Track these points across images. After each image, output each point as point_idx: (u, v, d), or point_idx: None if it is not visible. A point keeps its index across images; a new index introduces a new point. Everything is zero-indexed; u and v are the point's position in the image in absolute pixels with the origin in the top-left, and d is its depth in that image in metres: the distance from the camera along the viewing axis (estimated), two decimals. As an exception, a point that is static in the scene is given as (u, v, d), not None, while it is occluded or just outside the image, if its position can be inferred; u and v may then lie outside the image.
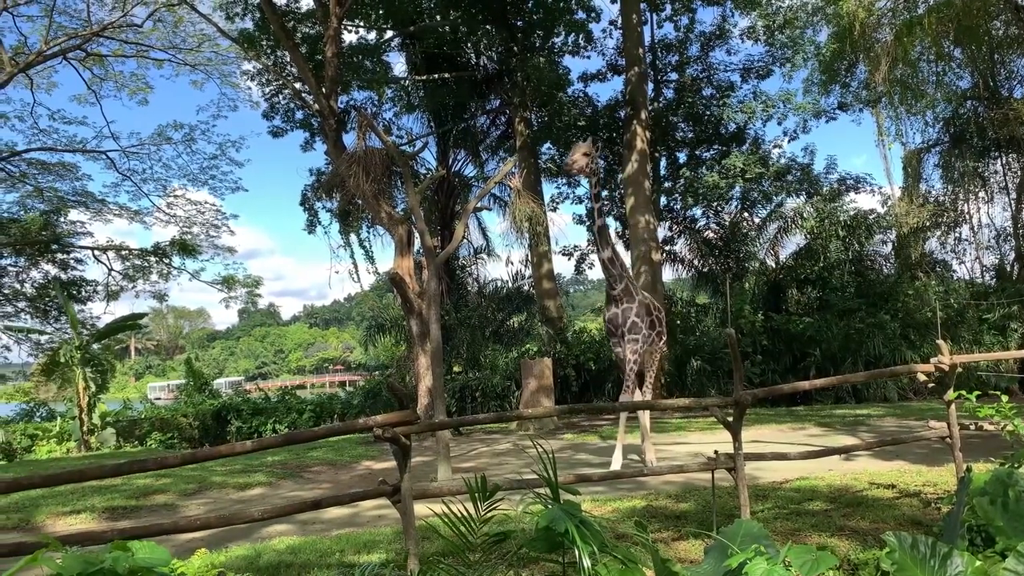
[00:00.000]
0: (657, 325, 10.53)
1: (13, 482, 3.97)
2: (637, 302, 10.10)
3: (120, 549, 2.71)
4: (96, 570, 2.56)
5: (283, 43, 17.78)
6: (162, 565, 2.83)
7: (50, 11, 22.40)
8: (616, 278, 10.13)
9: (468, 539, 4.46)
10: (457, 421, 8.24)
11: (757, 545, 3.56)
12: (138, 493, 10.07)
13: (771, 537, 3.92)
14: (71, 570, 2.52)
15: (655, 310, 10.52)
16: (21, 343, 29.94)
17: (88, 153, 26.67)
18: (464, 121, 22.57)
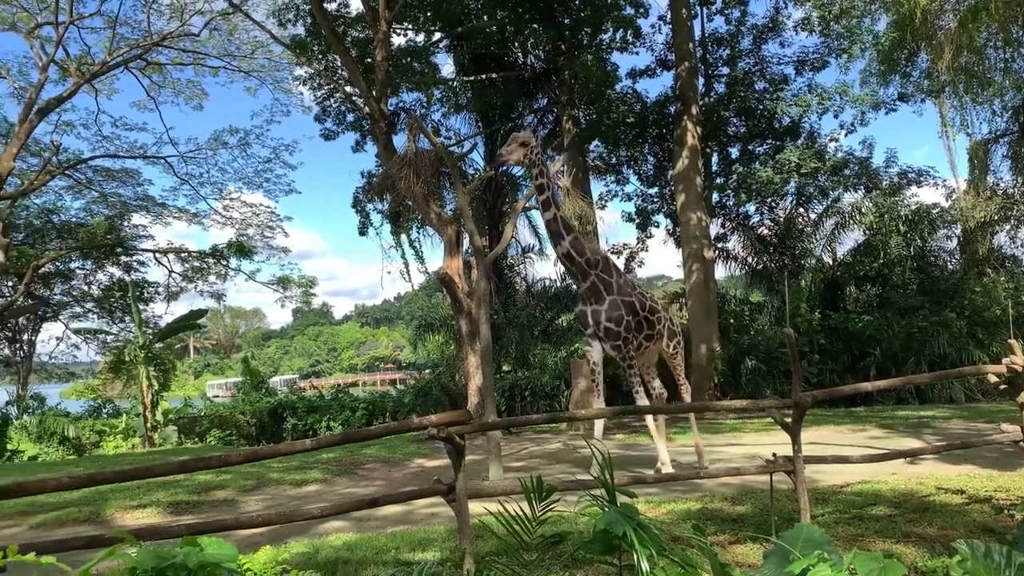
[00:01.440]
0: (649, 326, 9.71)
1: (88, 477, 4.12)
2: (608, 302, 9.28)
3: (190, 545, 2.79)
4: (168, 564, 2.63)
5: (334, 47, 18.05)
6: (229, 561, 2.88)
7: (113, 23, 23.19)
8: (578, 275, 9.40)
9: (524, 539, 4.47)
10: (509, 421, 8.27)
11: (820, 551, 3.47)
12: (200, 488, 10.35)
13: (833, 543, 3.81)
14: (145, 564, 2.60)
15: (644, 309, 9.63)
16: (89, 342, 31.17)
17: (148, 159, 27.56)
18: (511, 120, 22.58)
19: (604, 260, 9.53)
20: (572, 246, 9.16)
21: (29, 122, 21.59)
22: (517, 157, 9.12)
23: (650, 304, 9.79)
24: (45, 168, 24.19)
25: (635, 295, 9.62)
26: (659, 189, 25.21)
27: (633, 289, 9.81)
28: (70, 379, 35.69)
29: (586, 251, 9.29)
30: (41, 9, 22.57)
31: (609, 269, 9.49)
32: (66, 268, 30.27)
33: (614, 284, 9.41)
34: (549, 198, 9.09)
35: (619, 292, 9.40)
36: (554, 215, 9.10)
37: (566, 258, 9.22)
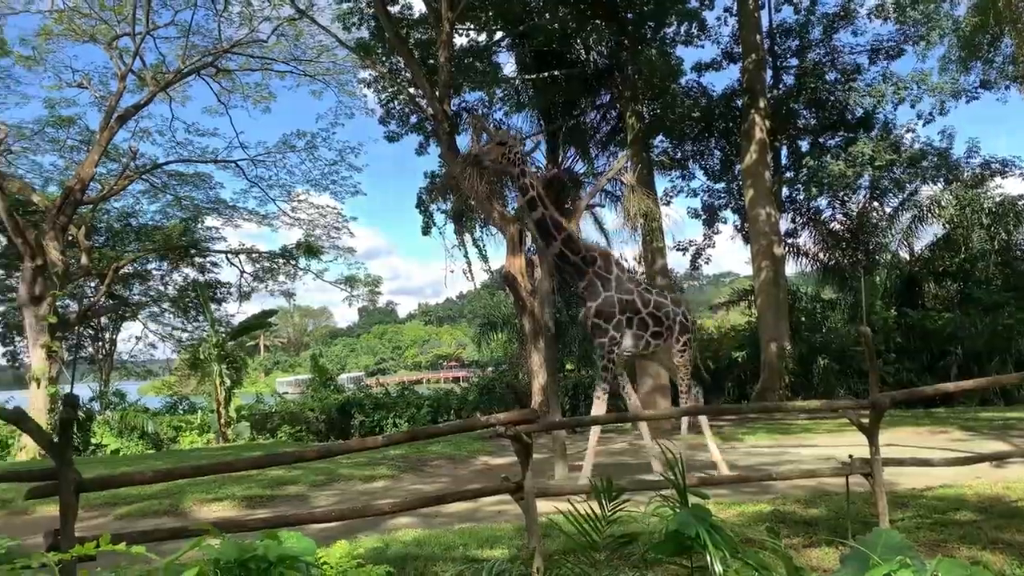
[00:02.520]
0: (656, 323, 9.34)
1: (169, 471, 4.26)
2: (602, 299, 9.02)
3: (270, 538, 2.85)
4: (250, 556, 2.71)
5: (398, 50, 18.28)
6: (307, 554, 2.95)
7: (186, 32, 24.02)
8: (574, 274, 9.15)
9: (594, 539, 4.44)
10: (576, 420, 8.24)
11: (901, 557, 3.32)
12: (273, 483, 10.62)
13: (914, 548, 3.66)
14: (228, 555, 2.67)
15: (648, 306, 9.27)
16: (165, 341, 32.43)
17: (220, 163, 28.43)
18: (574, 117, 22.42)
19: (603, 257, 9.32)
20: (565, 245, 8.97)
21: (109, 129, 22.54)
22: (493, 156, 8.91)
23: (655, 300, 9.44)
24: (124, 173, 25.24)
25: (637, 292, 9.31)
26: (726, 184, 24.74)
27: (638, 285, 9.51)
28: (148, 376, 37.13)
29: (581, 249, 9.10)
30: (119, 21, 23.55)
31: (608, 266, 9.25)
32: (144, 269, 31.53)
33: (612, 281, 9.13)
34: (534, 198, 8.87)
35: (617, 290, 9.12)
36: (542, 215, 8.90)
37: (560, 258, 9.05)
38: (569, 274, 9.21)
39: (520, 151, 9.02)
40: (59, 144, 27.03)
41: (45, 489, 3.86)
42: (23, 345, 30.37)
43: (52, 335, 20.63)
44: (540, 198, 8.91)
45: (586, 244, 9.43)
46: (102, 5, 23.12)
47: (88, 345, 31.78)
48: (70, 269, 22.08)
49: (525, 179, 8.91)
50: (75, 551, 2.66)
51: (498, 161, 8.91)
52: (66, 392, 14.10)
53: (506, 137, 9.05)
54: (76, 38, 24.08)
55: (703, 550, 3.63)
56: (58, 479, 3.80)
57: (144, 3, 22.06)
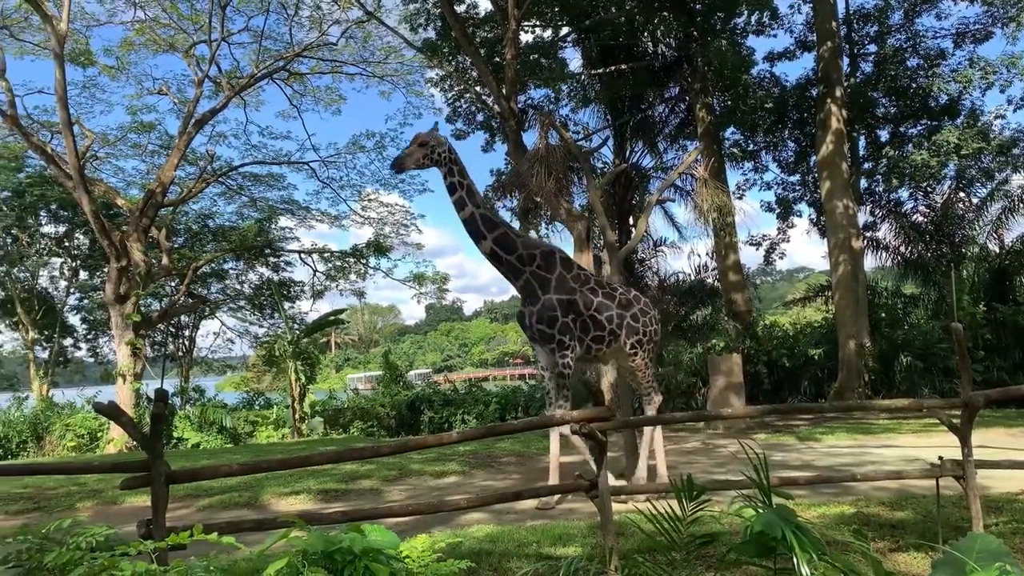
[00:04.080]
0: (597, 327, 8.71)
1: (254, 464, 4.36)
2: (542, 302, 8.52)
3: (354, 531, 2.88)
4: (336, 549, 2.74)
5: (464, 48, 18.39)
6: (390, 547, 2.98)
7: (259, 38, 24.71)
8: (509, 274, 8.73)
9: (673, 538, 4.36)
10: (652, 419, 8.08)
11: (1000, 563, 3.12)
12: (347, 477, 10.80)
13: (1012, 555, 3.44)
14: (315, 547, 2.71)
15: (590, 308, 8.68)
16: (242, 338, 33.51)
17: (293, 164, 29.16)
18: (641, 111, 22.17)
19: (544, 255, 8.74)
20: (497, 244, 8.55)
21: (187, 134, 23.36)
22: (416, 159, 8.53)
23: (597, 302, 8.78)
24: (201, 176, 26.17)
25: (580, 293, 8.71)
26: (801, 176, 24.07)
27: (584, 284, 8.84)
28: (226, 372, 38.38)
29: (517, 248, 8.61)
30: (196, 29, 24.37)
31: (550, 265, 8.70)
32: (221, 269, 32.63)
33: (552, 281, 8.60)
34: (463, 196, 8.56)
35: (557, 290, 8.59)
36: (471, 214, 8.57)
37: (492, 257, 8.66)
38: (504, 274, 8.84)
39: (444, 150, 8.61)
40: (141, 149, 28.22)
41: (137, 480, 4.00)
42: (108, 343, 31.89)
43: (136, 333, 21.51)
44: (468, 196, 8.61)
45: (528, 242, 8.91)
46: (180, 15, 23.96)
47: (169, 342, 33.08)
48: (152, 269, 22.98)
49: (453, 178, 8.61)
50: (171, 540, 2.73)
51: (421, 163, 8.61)
52: (156, 388, 14.68)
53: (427, 137, 8.68)
54: (156, 48, 25.05)
55: (788, 552, 3.54)
56: (150, 471, 3.93)
57: (219, 11, 22.78)
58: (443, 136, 8.83)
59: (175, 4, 23.52)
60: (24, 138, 21.97)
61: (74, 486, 11.16)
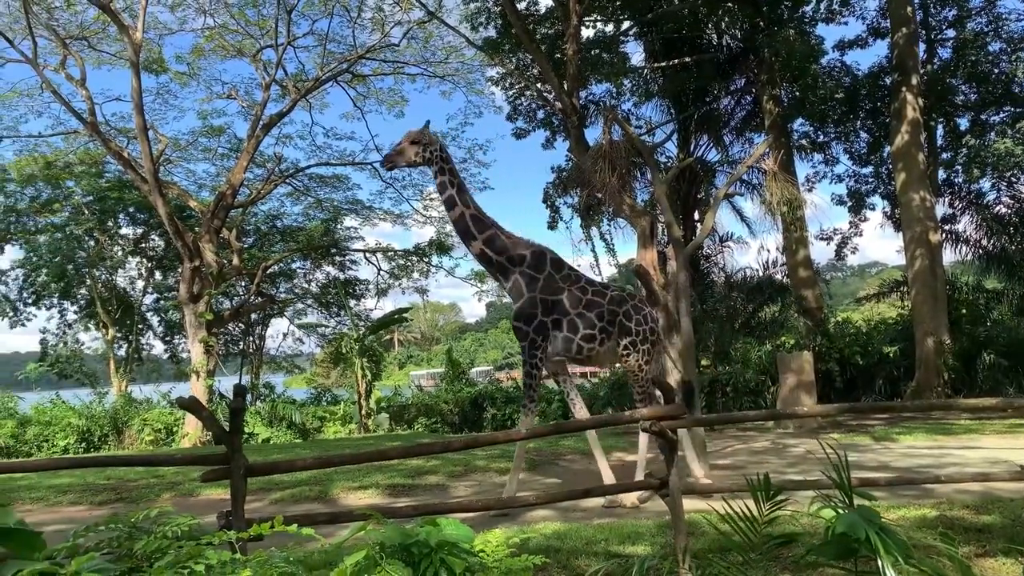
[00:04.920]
0: (587, 325, 8.48)
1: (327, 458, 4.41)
2: (524, 300, 8.44)
3: (430, 524, 2.88)
4: (413, 542, 2.75)
5: (525, 45, 18.36)
6: (466, 541, 2.97)
7: (324, 41, 25.21)
8: (498, 275, 8.63)
9: (750, 539, 4.27)
10: (727, 417, 7.93)
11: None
12: (413, 473, 10.91)
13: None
14: (392, 540, 2.72)
15: (578, 306, 8.48)
16: (310, 336, 34.29)
17: (357, 165, 29.66)
18: (706, 104, 21.77)
19: (535, 255, 8.67)
20: (487, 245, 8.53)
21: (255, 137, 24.01)
22: (408, 157, 8.54)
23: (587, 301, 8.57)
24: (269, 178, 26.85)
25: (568, 292, 8.55)
26: (874, 168, 23.26)
27: (573, 284, 8.65)
28: (294, 369, 39.26)
29: (506, 248, 8.57)
30: (263, 34, 25.02)
31: (539, 265, 8.62)
32: (289, 268, 33.44)
33: (540, 281, 8.50)
34: (453, 195, 8.55)
35: (543, 290, 8.47)
36: (460, 213, 8.56)
37: (481, 258, 8.66)
38: (494, 275, 8.81)
39: (436, 148, 8.63)
40: (211, 153, 29.14)
41: (217, 473, 4.10)
42: (180, 341, 33.04)
43: (209, 331, 22.22)
44: (458, 195, 8.59)
45: (517, 242, 8.77)
46: (247, 21, 24.63)
47: (240, 340, 34.04)
48: (223, 269, 23.70)
49: (444, 177, 8.61)
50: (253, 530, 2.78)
51: (414, 161, 8.63)
52: (235, 383, 15.07)
53: (419, 135, 8.66)
54: (224, 53, 25.83)
55: (872, 554, 3.45)
56: (229, 464, 4.02)
57: (284, 16, 23.32)
58: (435, 135, 8.93)
59: (242, 10, 24.22)
60: (103, 144, 22.96)
61: (153, 478, 11.57)
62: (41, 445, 20.78)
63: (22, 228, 30.11)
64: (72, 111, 22.26)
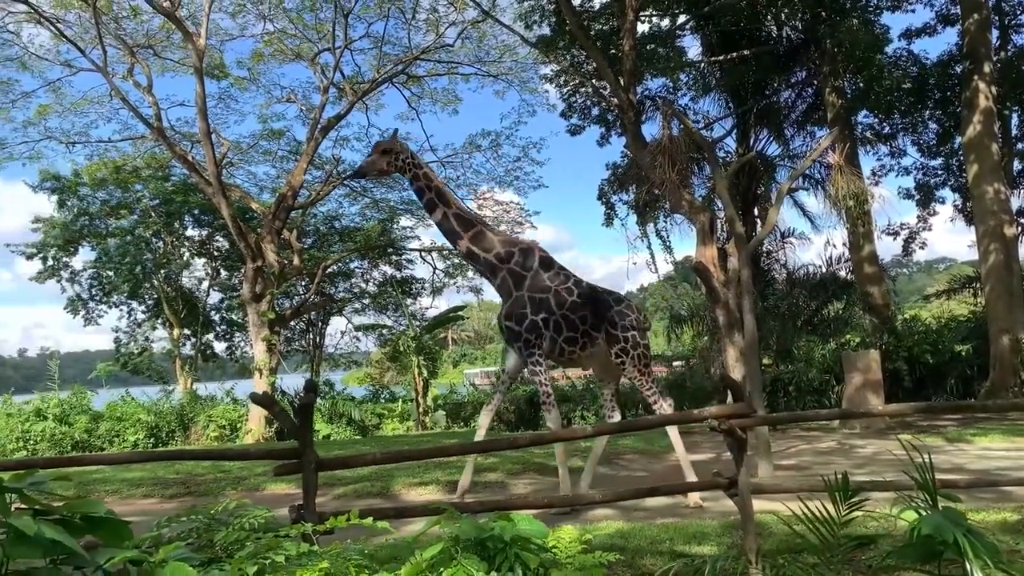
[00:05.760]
0: (570, 327, 8.33)
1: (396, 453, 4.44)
2: (512, 299, 8.33)
3: (504, 520, 2.87)
4: (488, 536, 2.73)
5: (580, 42, 18.24)
6: (539, 536, 2.96)
7: (379, 43, 25.50)
8: (486, 272, 8.59)
9: (827, 540, 4.17)
10: (794, 416, 7.74)
11: None
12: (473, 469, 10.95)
13: None
14: (468, 534, 2.72)
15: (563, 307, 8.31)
16: (367, 334, 34.80)
17: (412, 165, 29.86)
18: (766, 98, 21.30)
19: (523, 252, 8.62)
20: (473, 242, 8.47)
21: (314, 140, 24.43)
22: (380, 167, 8.50)
23: (571, 302, 8.42)
24: (328, 179, 27.32)
25: (554, 291, 8.41)
26: (944, 160, 22.48)
27: (562, 283, 8.50)
28: (352, 367, 39.90)
29: (494, 246, 8.51)
30: (320, 38, 25.45)
31: (527, 262, 8.54)
32: (347, 268, 33.99)
33: (527, 279, 8.40)
34: (432, 199, 8.52)
35: (530, 288, 8.36)
36: (443, 214, 8.50)
37: (468, 256, 8.66)
38: (482, 274, 8.80)
39: (407, 156, 8.61)
40: (271, 155, 29.80)
41: (288, 467, 4.16)
42: (241, 339, 33.92)
43: (271, 329, 22.72)
44: (438, 198, 8.56)
45: (506, 239, 8.85)
46: (305, 25, 25.10)
47: (300, 338, 34.76)
48: (285, 269, 24.20)
49: (420, 182, 8.58)
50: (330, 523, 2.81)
51: (386, 171, 8.62)
52: (306, 379, 15.35)
53: (390, 144, 8.66)
54: (283, 58, 26.37)
55: (958, 557, 3.36)
56: (300, 459, 4.07)
57: (341, 19, 23.69)
58: (404, 143, 9.00)
59: (300, 15, 24.67)
60: (169, 148, 23.70)
61: (220, 473, 11.87)
62: (112, 440, 21.53)
63: (94, 230, 31.36)
64: (139, 117, 23.02)
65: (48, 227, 30.82)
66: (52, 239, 30.64)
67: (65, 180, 29.69)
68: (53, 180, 29.71)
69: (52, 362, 24.63)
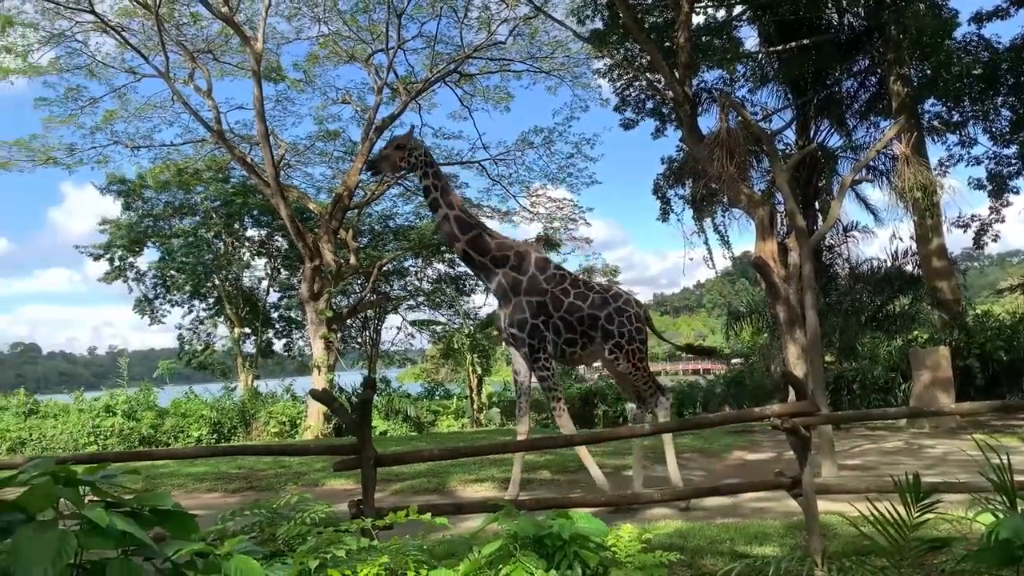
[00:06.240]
0: (569, 329, 8.41)
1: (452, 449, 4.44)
2: (512, 305, 8.38)
3: (562, 517, 2.83)
4: (546, 534, 2.70)
5: (635, 35, 18.01)
6: (598, 535, 2.91)
7: (432, 42, 25.67)
8: (483, 275, 8.61)
9: (898, 543, 4.02)
10: (860, 415, 7.51)
11: None
12: (528, 468, 10.90)
13: None
14: (526, 531, 2.69)
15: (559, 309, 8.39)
16: (422, 332, 35.13)
17: (464, 164, 30.08)
18: (826, 88, 20.65)
19: (519, 255, 8.62)
20: (470, 246, 8.53)
21: (369, 140, 24.75)
22: (392, 162, 8.59)
23: (568, 303, 8.46)
24: (382, 179, 27.59)
25: (551, 293, 8.45)
26: (1018, 148, 21.43)
27: (557, 284, 8.50)
28: (406, 364, 40.34)
29: (491, 249, 8.54)
30: (373, 39, 25.76)
31: (523, 265, 8.56)
32: (401, 266, 34.34)
33: (524, 282, 8.45)
34: (437, 198, 8.57)
35: (527, 292, 8.41)
36: (444, 215, 8.58)
37: (465, 258, 8.75)
38: (478, 276, 8.85)
39: (421, 153, 8.64)
40: (327, 156, 30.30)
41: (348, 463, 4.19)
42: (299, 337, 34.62)
43: (328, 327, 23.13)
44: (442, 198, 8.61)
45: (503, 243, 8.76)
46: (359, 27, 25.43)
47: (357, 336, 35.28)
48: (341, 268, 24.60)
49: (428, 181, 8.61)
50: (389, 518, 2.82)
51: (398, 166, 8.67)
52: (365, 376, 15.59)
53: (403, 140, 8.71)
54: (338, 60, 26.79)
55: None
56: (359, 454, 4.10)
57: (394, 20, 23.92)
58: (419, 140, 9.08)
59: (354, 16, 25.01)
60: (228, 151, 24.33)
61: (280, 468, 12.12)
62: (177, 435, 22.22)
63: (158, 231, 32.42)
64: (200, 120, 23.69)
65: (114, 229, 32.05)
66: (118, 240, 31.83)
67: (130, 183, 30.78)
68: (119, 183, 30.84)
69: (122, 360, 25.55)
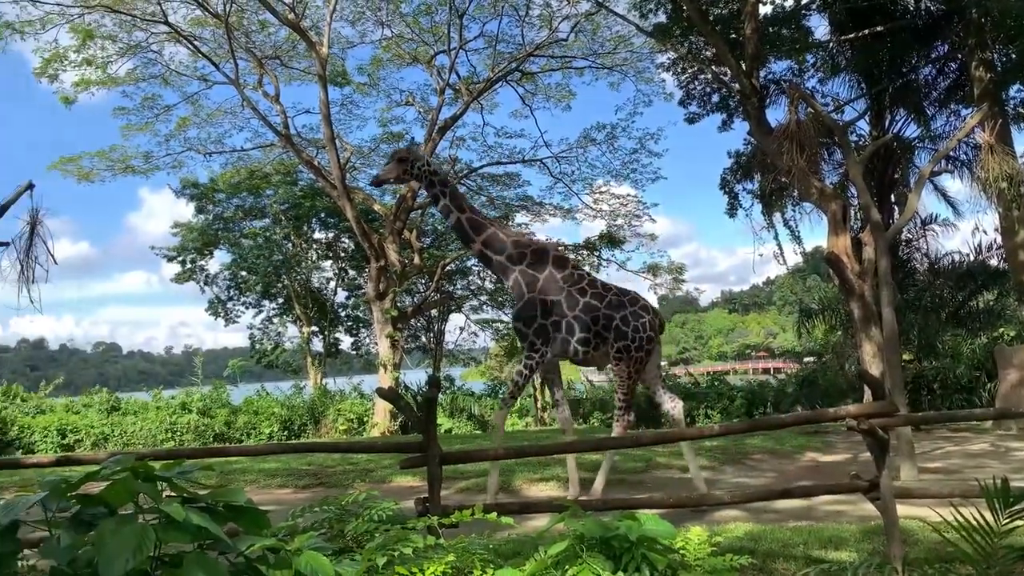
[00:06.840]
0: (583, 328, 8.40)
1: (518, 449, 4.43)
2: (523, 301, 8.51)
3: (629, 519, 2.78)
4: (613, 535, 2.66)
5: (700, 28, 17.68)
6: (666, 537, 2.86)
7: (493, 42, 25.74)
8: (499, 273, 8.70)
9: (986, 550, 3.84)
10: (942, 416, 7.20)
11: None
12: (592, 467, 10.78)
13: None
14: (592, 532, 2.66)
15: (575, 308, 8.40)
16: (485, 330, 35.36)
17: (526, 162, 30.06)
18: (902, 76, 19.84)
19: (535, 253, 8.77)
20: (486, 246, 8.68)
21: (432, 141, 24.97)
22: (396, 174, 8.81)
23: (584, 303, 8.48)
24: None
25: (567, 293, 8.50)
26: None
27: (574, 284, 8.50)
28: (470, 363, 40.65)
29: (507, 248, 8.66)
30: (435, 40, 25.98)
31: (541, 263, 8.66)
32: (464, 266, 34.55)
33: (539, 281, 8.52)
34: (447, 204, 8.75)
35: (541, 290, 8.47)
36: (456, 219, 8.74)
37: (482, 258, 8.95)
38: (495, 273, 9.01)
39: (422, 164, 8.81)
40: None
41: (414, 460, 4.22)
42: (366, 336, 35.24)
43: (394, 326, 23.47)
44: (452, 202, 8.74)
45: (519, 241, 8.99)
46: (422, 29, 25.69)
47: (421, 335, 35.72)
48: (406, 268, 24.92)
49: (435, 189, 8.83)
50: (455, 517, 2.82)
51: (401, 178, 8.93)
52: (430, 374, 15.75)
53: (406, 153, 8.96)
54: (401, 62, 27.10)
55: None
56: (425, 452, 4.13)
57: (456, 21, 24.08)
58: (420, 150, 9.26)
59: (417, 19, 25.27)
60: (296, 154, 24.92)
61: (348, 465, 12.32)
62: (249, 432, 22.88)
63: (228, 234, 33.52)
64: (269, 125, 24.33)
65: (186, 231, 33.32)
66: (190, 242, 33.03)
67: (203, 187, 31.88)
68: (192, 187, 31.97)
69: (197, 359, 26.48)
